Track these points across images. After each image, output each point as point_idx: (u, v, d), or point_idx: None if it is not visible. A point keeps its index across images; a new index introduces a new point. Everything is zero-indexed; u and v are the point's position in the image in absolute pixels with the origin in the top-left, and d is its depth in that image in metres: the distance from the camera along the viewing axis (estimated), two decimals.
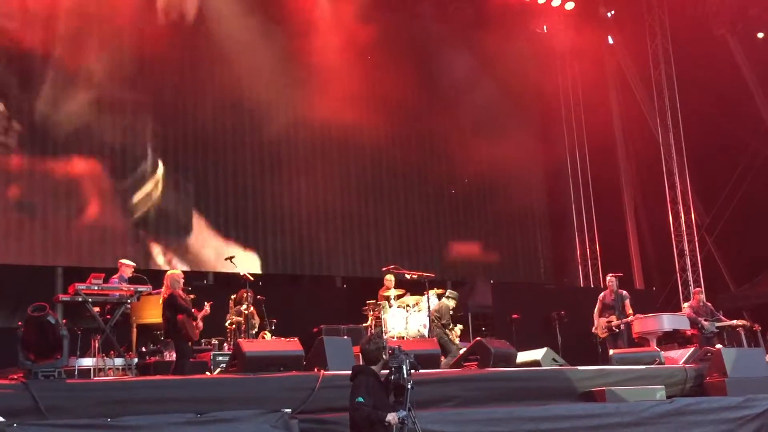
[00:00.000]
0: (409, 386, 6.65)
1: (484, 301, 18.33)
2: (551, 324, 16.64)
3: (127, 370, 11.09)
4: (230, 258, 13.68)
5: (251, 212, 17.97)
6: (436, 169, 20.19)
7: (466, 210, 20.67)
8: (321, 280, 18.77)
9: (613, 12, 22.68)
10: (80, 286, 11.23)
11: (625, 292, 14.62)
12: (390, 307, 14.35)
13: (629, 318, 13.91)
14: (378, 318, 14.36)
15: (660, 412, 10.03)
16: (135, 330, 12.07)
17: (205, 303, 11.75)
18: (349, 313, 15.85)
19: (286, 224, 18.23)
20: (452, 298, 13.99)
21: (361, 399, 6.66)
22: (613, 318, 14.26)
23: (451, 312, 13.78)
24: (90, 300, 11.20)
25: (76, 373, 10.53)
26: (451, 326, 13.62)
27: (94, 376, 10.58)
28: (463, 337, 16.50)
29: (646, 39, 21.74)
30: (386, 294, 14.63)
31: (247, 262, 16.95)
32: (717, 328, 15.04)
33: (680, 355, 12.85)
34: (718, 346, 13.72)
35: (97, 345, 11.06)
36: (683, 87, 21.14)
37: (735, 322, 15.34)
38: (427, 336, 13.41)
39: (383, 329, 14.05)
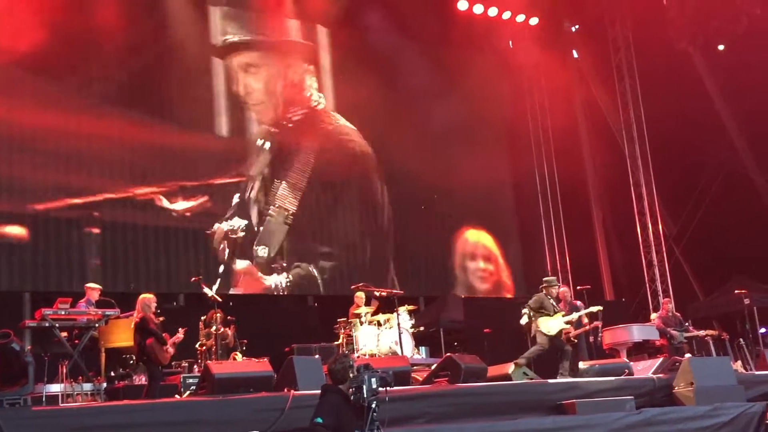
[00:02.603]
0: (374, 405, 6.64)
1: (455, 316, 18.34)
2: (523, 337, 16.68)
3: (96, 396, 11.00)
4: (197, 278, 13.61)
5: None
6: (404, 185, 20.21)
7: (437, 225, 20.70)
8: (292, 299, 18.70)
9: (577, 27, 22.98)
10: (47, 311, 11.11)
11: (579, 303, 14.66)
12: (361, 324, 14.36)
13: (585, 328, 13.92)
14: (349, 336, 14.37)
15: (629, 422, 10.08)
16: (103, 354, 11.96)
17: (179, 329, 11.71)
18: (321, 332, 15.83)
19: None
20: (549, 285, 13.16)
21: (319, 420, 6.65)
22: (570, 329, 14.26)
23: (551, 299, 12.94)
24: (57, 325, 11.09)
25: (43, 399, 10.42)
26: (532, 314, 12.97)
27: (62, 402, 10.48)
28: (435, 352, 16.62)
29: (610, 53, 22.05)
30: (357, 312, 14.64)
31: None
32: (685, 338, 15.15)
33: (649, 366, 12.94)
34: (687, 355, 13.85)
35: (64, 370, 10.95)
36: (647, 100, 21.42)
37: (703, 332, 15.46)
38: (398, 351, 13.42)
39: (355, 347, 14.06)
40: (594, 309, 13.59)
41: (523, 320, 14.16)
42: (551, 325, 12.64)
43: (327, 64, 20.06)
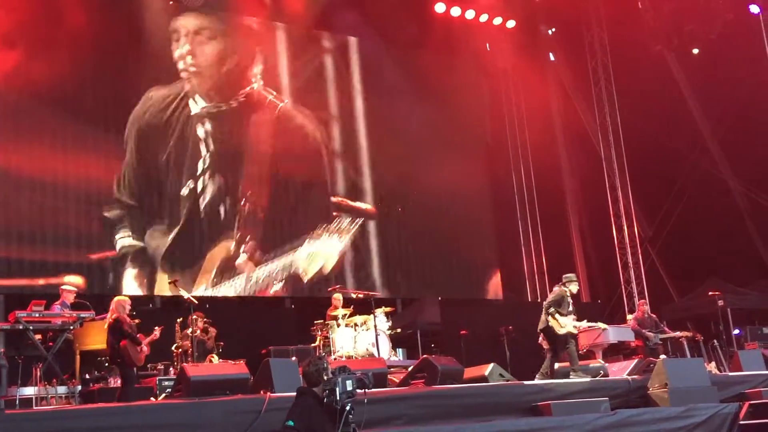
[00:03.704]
0: (348, 407, 6.64)
1: (432, 318, 18.39)
2: (499, 339, 16.78)
3: (71, 398, 10.90)
4: (174, 281, 13.57)
5: None
6: (382, 187, 20.23)
7: (414, 227, 20.71)
8: (269, 301, 18.65)
9: (553, 30, 23.10)
10: (21, 314, 11.02)
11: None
12: (338, 326, 14.36)
13: (590, 329, 14.02)
14: (326, 338, 14.36)
15: (604, 424, 10.12)
16: (78, 357, 11.88)
17: (155, 328, 11.67)
18: (298, 334, 15.82)
19: None
20: (570, 281, 12.86)
21: (291, 423, 6.64)
22: None
23: (569, 297, 12.67)
24: (31, 327, 10.99)
25: (17, 403, 10.32)
26: (553, 310, 12.45)
27: (36, 405, 10.38)
28: (412, 354, 16.64)
29: (586, 56, 22.20)
30: (334, 314, 14.63)
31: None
32: (660, 339, 15.28)
33: (624, 367, 13.04)
34: (662, 356, 13.96)
35: (38, 373, 10.85)
36: (623, 102, 21.61)
37: (678, 333, 15.60)
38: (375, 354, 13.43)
39: (332, 349, 14.05)
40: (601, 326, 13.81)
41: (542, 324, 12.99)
42: (566, 322, 12.44)
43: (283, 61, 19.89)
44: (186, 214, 17.50)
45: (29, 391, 10.78)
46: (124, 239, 16.73)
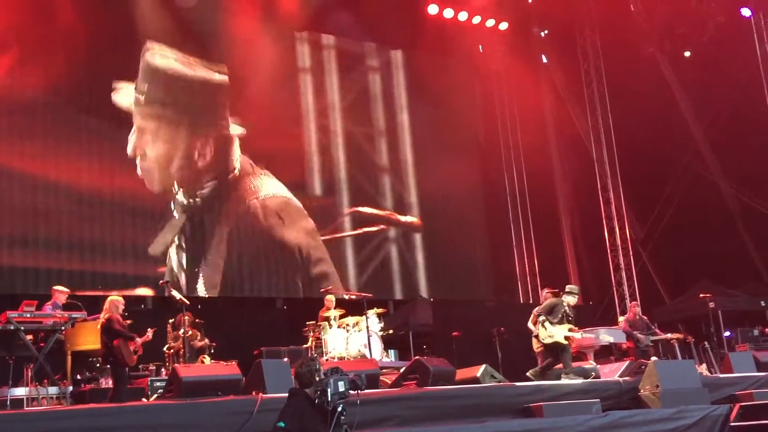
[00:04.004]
0: (339, 408, 6.64)
1: (424, 319, 18.37)
2: (492, 341, 16.77)
3: (62, 399, 10.89)
4: (165, 282, 13.54)
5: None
6: (374, 188, 20.23)
7: (406, 228, 20.73)
8: (262, 301, 18.63)
9: (546, 32, 23.15)
10: (12, 314, 10.97)
11: None
12: (330, 327, 14.35)
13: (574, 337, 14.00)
14: (318, 339, 14.35)
15: (596, 425, 10.14)
16: (70, 357, 11.85)
17: (148, 329, 11.64)
18: (291, 335, 15.80)
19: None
20: (569, 293, 12.93)
21: (282, 424, 6.63)
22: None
23: (566, 309, 12.64)
24: (22, 328, 10.95)
25: (8, 403, 10.30)
26: (543, 318, 12.49)
27: (27, 406, 10.36)
28: (404, 355, 16.64)
29: (579, 58, 22.26)
30: (326, 315, 14.62)
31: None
32: (651, 341, 15.31)
33: (616, 369, 13.06)
34: (653, 358, 13.99)
35: (30, 374, 10.83)
36: (615, 104, 21.67)
37: (669, 335, 15.64)
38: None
39: (324, 350, 14.05)
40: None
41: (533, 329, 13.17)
42: (554, 332, 12.52)
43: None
44: None
45: (20, 391, 10.76)
46: None
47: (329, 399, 6.63)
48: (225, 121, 18.27)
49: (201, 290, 17.33)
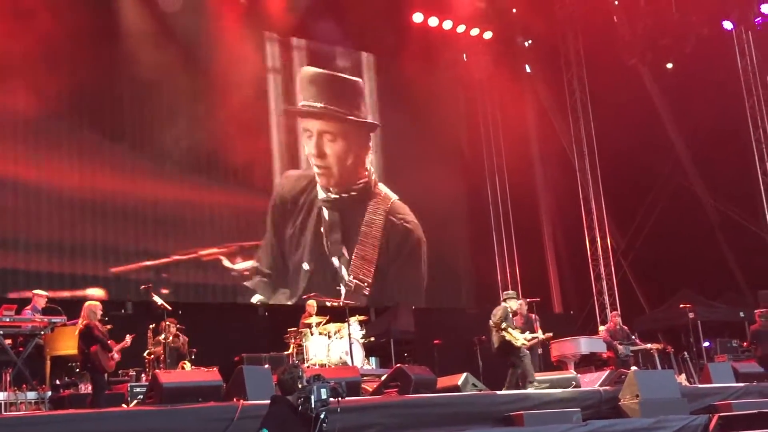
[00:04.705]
0: (322, 416, 6.64)
1: (406, 327, 18.36)
2: (473, 349, 16.78)
3: (40, 404, 10.81)
4: (147, 286, 13.47)
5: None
6: (356, 196, 20.24)
7: (388, 235, 20.71)
8: (243, 308, 18.56)
9: (530, 42, 23.21)
10: None
11: (535, 316, 14.83)
12: (312, 334, 14.33)
13: (536, 340, 14.08)
14: (300, 345, 14.32)
15: None
16: (49, 362, 11.78)
17: (127, 336, 11.57)
18: (272, 341, 15.75)
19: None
20: (511, 298, 13.37)
21: (265, 430, 6.63)
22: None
23: (510, 313, 13.02)
24: (1, 332, 10.88)
25: None
26: (505, 325, 12.74)
27: (5, 411, 10.28)
28: (385, 362, 16.64)
29: (562, 68, 22.36)
30: (308, 321, 14.60)
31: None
32: (632, 351, 15.40)
33: (596, 378, 13.11)
34: (633, 368, 14.06)
35: (8, 378, 10.75)
36: (598, 115, 21.79)
37: (649, 345, 15.73)
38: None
39: (305, 357, 14.02)
40: (544, 336, 13.95)
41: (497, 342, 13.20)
42: (518, 335, 12.74)
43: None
44: (305, 287, 18.40)
45: None
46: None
47: (312, 406, 6.62)
48: None
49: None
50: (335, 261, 19.27)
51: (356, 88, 20.56)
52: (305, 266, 18.75)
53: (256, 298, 18.17)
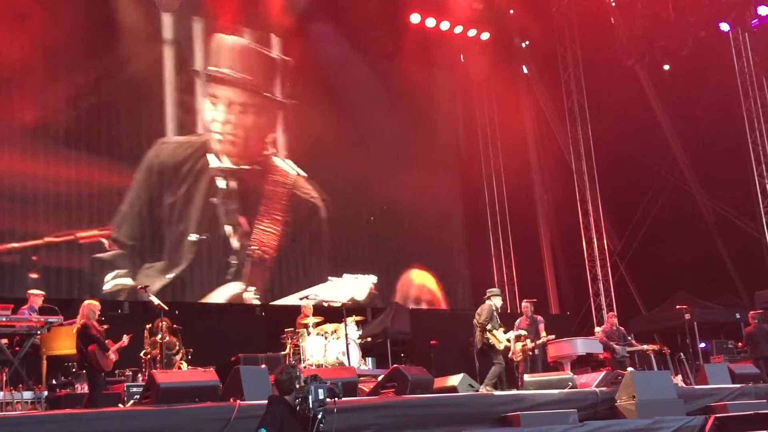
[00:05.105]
0: (319, 416, 6.64)
1: (402, 327, 18.36)
2: (469, 350, 16.75)
3: (37, 404, 10.78)
4: (144, 287, 13.45)
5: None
6: (355, 197, 20.24)
7: (385, 237, 20.74)
8: (239, 308, 18.57)
9: (527, 43, 23.28)
10: None
11: (539, 317, 14.89)
12: (308, 334, 14.32)
13: (543, 340, 14.19)
14: (296, 346, 14.31)
15: None
16: (45, 362, 11.75)
17: (124, 335, 11.55)
18: (268, 342, 15.75)
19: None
20: (495, 296, 13.28)
21: (263, 430, 6.63)
22: (528, 342, 14.49)
23: (496, 312, 13.04)
24: None
25: None
26: (490, 327, 12.75)
27: (1, 410, 10.25)
28: (382, 363, 16.63)
29: (559, 69, 22.38)
30: (304, 321, 14.59)
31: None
32: (628, 352, 15.40)
33: (593, 379, 13.11)
34: (630, 369, 14.07)
35: (4, 378, 10.72)
36: (595, 116, 21.81)
37: (646, 346, 15.74)
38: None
39: (301, 357, 14.01)
40: (546, 338, 14.11)
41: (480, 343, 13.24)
42: (502, 337, 12.80)
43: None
44: (191, 259, 17.69)
45: None
46: (116, 280, 16.82)
47: (310, 406, 6.63)
48: None
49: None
50: (229, 230, 18.37)
51: (273, 64, 19.83)
52: (192, 237, 17.76)
53: (110, 279, 16.72)
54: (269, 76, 19.66)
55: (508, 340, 13.07)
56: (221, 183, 18.36)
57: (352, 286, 19.72)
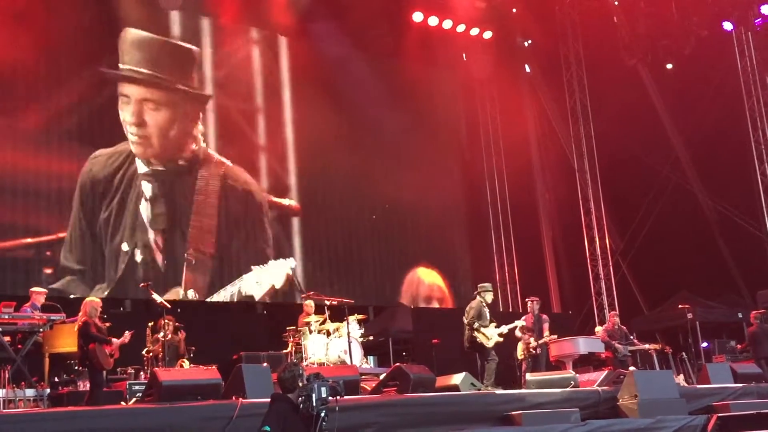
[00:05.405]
0: (323, 414, 6.65)
1: (404, 326, 18.39)
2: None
3: (39, 402, 10.78)
4: (147, 284, 13.45)
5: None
6: (357, 195, 20.25)
7: (387, 236, 20.74)
8: (241, 306, 18.58)
9: (529, 42, 23.25)
10: None
11: (544, 316, 14.89)
12: (310, 333, 14.32)
13: (545, 339, 14.20)
14: (298, 344, 14.32)
15: None
16: (47, 360, 11.74)
17: (126, 332, 11.56)
18: (270, 340, 15.76)
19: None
20: (486, 291, 13.36)
21: (267, 428, 6.63)
22: (531, 341, 14.51)
23: (487, 307, 13.10)
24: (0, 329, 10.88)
25: None
26: (477, 325, 12.87)
27: (4, 408, 10.26)
28: (384, 361, 16.63)
29: (562, 68, 22.36)
30: (306, 320, 14.59)
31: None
32: (630, 351, 15.40)
33: (595, 378, 13.11)
34: (632, 368, 14.06)
35: (7, 376, 10.72)
36: (597, 115, 21.80)
37: (647, 346, 15.74)
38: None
39: (303, 356, 14.02)
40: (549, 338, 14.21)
41: (468, 341, 13.34)
42: (491, 334, 12.84)
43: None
44: (124, 270, 17.08)
45: None
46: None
47: (313, 404, 6.64)
48: None
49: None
50: (155, 236, 17.58)
51: (189, 56, 18.84)
52: (124, 247, 17.10)
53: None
54: (186, 69, 18.83)
55: (500, 335, 13.08)
56: (147, 188, 17.70)
57: (270, 274, 18.88)
